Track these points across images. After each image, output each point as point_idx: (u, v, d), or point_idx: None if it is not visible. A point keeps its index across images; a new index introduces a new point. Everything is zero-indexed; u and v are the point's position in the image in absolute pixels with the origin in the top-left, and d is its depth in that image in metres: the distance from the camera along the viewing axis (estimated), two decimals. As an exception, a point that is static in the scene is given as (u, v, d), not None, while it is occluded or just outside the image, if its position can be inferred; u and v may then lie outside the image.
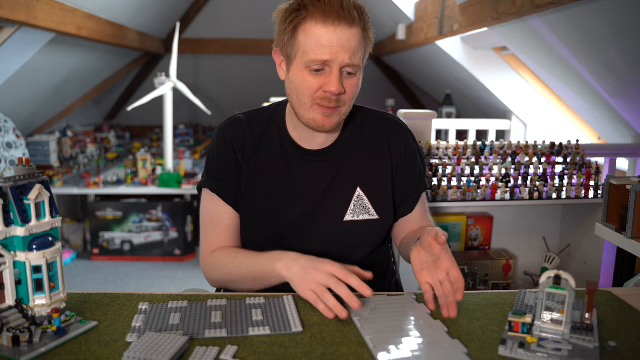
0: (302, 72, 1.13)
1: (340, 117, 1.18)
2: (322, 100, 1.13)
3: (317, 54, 1.09)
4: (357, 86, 1.16)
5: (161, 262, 3.99)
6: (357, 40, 1.11)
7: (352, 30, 1.09)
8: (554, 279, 0.90)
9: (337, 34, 1.08)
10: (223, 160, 1.26)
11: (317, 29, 1.09)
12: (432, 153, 2.11)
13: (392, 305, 1.07)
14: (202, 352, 0.87)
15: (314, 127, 1.17)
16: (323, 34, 1.08)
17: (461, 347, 0.91)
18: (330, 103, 1.13)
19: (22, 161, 0.95)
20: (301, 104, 1.16)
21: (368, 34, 1.15)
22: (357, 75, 1.15)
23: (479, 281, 2.18)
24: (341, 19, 1.08)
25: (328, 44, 1.08)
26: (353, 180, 1.27)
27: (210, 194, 1.27)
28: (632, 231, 1.37)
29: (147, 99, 4.13)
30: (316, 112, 1.15)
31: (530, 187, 2.04)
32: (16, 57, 3.06)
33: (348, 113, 1.20)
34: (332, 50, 1.08)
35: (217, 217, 1.27)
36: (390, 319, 1.01)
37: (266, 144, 1.27)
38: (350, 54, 1.10)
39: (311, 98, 1.14)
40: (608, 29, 1.94)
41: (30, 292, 0.93)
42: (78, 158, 4.64)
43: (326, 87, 1.11)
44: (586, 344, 0.91)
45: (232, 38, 5.80)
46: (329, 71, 1.11)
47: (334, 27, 1.08)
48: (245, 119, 1.29)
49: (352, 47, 1.10)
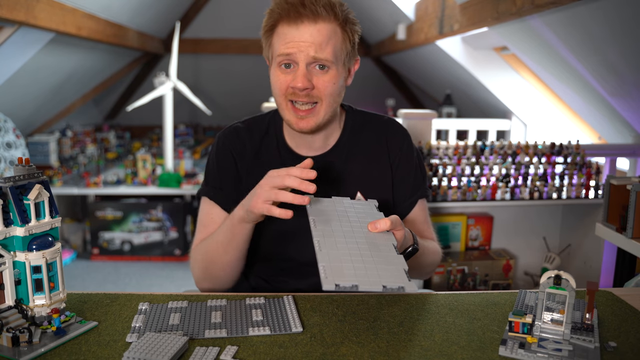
0: (275, 72, 1.17)
1: (320, 118, 1.17)
2: (292, 96, 1.15)
3: (282, 49, 1.13)
4: (332, 82, 1.15)
5: (161, 262, 3.99)
6: (323, 35, 1.12)
7: (317, 26, 1.12)
8: (554, 279, 0.90)
9: (300, 30, 1.12)
10: (222, 169, 1.27)
11: (284, 29, 1.13)
12: (432, 153, 2.11)
13: (351, 208, 1.10)
14: (202, 352, 0.87)
15: (292, 128, 1.19)
16: (288, 32, 1.13)
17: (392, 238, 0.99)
18: (299, 98, 1.14)
19: (22, 161, 0.95)
20: (278, 104, 1.20)
21: (345, 27, 1.16)
22: (332, 70, 1.15)
23: (479, 281, 2.18)
24: (302, 16, 1.11)
25: (291, 39, 1.12)
26: (352, 185, 1.26)
27: (209, 202, 1.28)
28: (633, 231, 1.37)
29: (147, 99, 4.13)
30: (290, 113, 1.17)
31: (531, 187, 2.04)
32: (16, 57, 3.06)
33: (329, 113, 1.19)
34: (295, 45, 1.12)
35: (210, 220, 1.27)
36: (344, 222, 1.03)
37: (265, 152, 1.27)
38: (315, 48, 1.11)
39: (283, 96, 1.16)
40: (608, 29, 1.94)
41: (29, 292, 0.93)
42: (78, 158, 4.64)
43: (293, 83, 1.14)
44: (586, 344, 0.91)
45: (232, 38, 5.80)
46: (296, 68, 1.14)
47: (297, 24, 1.12)
48: (244, 127, 1.30)
49: (317, 42, 1.11)
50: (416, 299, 1.12)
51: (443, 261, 2.14)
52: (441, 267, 2.13)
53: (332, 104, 1.18)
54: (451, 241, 2.25)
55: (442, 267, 2.13)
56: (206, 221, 1.28)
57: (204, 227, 1.28)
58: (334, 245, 0.95)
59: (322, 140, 1.25)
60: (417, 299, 1.12)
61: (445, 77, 4.41)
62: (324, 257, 0.90)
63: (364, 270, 0.89)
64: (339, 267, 0.89)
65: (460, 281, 2.15)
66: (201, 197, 1.30)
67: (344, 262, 0.90)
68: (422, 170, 1.35)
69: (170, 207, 3.97)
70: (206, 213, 1.28)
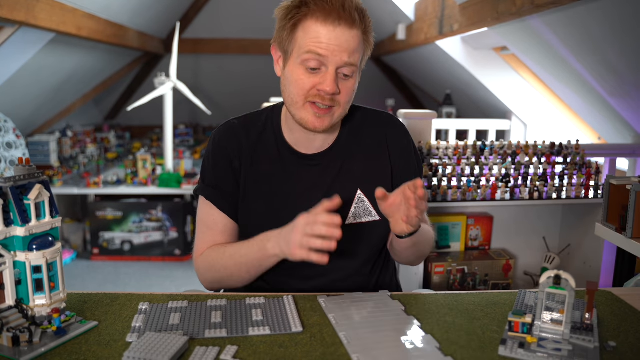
0: (297, 69, 1.13)
1: (333, 120, 1.17)
2: (316, 98, 1.13)
3: (312, 47, 1.09)
4: (352, 90, 1.16)
5: (161, 262, 3.99)
6: (356, 42, 1.11)
7: (351, 32, 1.10)
8: (554, 279, 0.90)
9: (337, 33, 1.08)
10: (218, 167, 1.26)
11: (317, 27, 1.09)
12: (432, 153, 2.11)
13: (366, 302, 1.09)
14: (202, 352, 0.87)
15: (305, 126, 1.17)
16: (322, 31, 1.09)
17: (433, 341, 0.92)
18: (324, 102, 1.13)
19: (22, 161, 0.95)
20: (293, 102, 1.16)
21: (368, 37, 1.15)
22: (354, 78, 1.15)
23: (479, 281, 2.18)
24: (341, 19, 1.08)
25: (326, 41, 1.09)
26: (353, 183, 1.26)
27: (205, 201, 1.27)
28: (632, 231, 1.37)
29: (147, 99, 4.13)
30: (308, 112, 1.15)
31: (530, 187, 2.04)
32: (16, 57, 3.06)
33: (342, 116, 1.20)
34: (330, 47, 1.09)
35: (212, 222, 1.26)
36: (365, 316, 1.03)
37: (263, 150, 1.26)
38: (348, 54, 1.10)
39: (304, 96, 1.13)
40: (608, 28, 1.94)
41: (30, 292, 0.93)
42: (78, 158, 4.64)
43: (321, 87, 1.11)
44: (586, 344, 0.91)
45: (232, 38, 5.80)
46: (325, 70, 1.11)
47: (334, 26, 1.08)
48: (240, 124, 1.28)
49: (351, 48, 1.10)
50: (416, 299, 1.12)
51: (443, 261, 2.14)
52: (441, 267, 2.13)
53: (346, 108, 1.18)
54: (451, 241, 2.25)
55: (442, 267, 2.13)
56: (209, 223, 1.27)
57: (207, 228, 1.27)
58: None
59: (322, 138, 1.25)
60: (417, 299, 1.12)
61: (445, 77, 4.41)
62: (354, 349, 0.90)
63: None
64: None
65: (460, 281, 2.16)
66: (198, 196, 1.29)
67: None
68: (420, 164, 1.37)
69: (170, 207, 3.97)
70: (207, 214, 1.27)
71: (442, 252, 2.24)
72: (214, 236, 1.26)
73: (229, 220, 1.26)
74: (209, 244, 1.26)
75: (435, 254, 2.21)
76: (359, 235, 1.26)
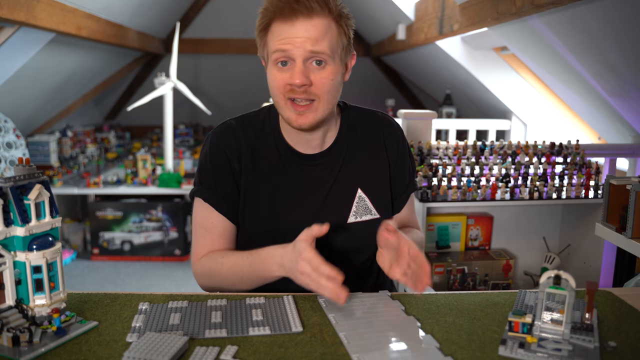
0: (271, 70, 1.15)
1: (318, 115, 1.16)
2: (290, 94, 1.14)
3: (277, 46, 1.12)
4: (330, 79, 1.14)
5: (161, 262, 3.99)
6: (318, 30, 1.11)
7: (312, 21, 1.11)
8: (554, 279, 0.90)
9: (296, 26, 1.10)
10: (216, 169, 1.24)
11: (279, 26, 1.12)
12: (432, 153, 2.11)
13: (366, 302, 1.09)
14: (202, 352, 0.87)
15: (291, 125, 1.18)
16: (283, 29, 1.12)
17: (433, 341, 0.92)
18: (297, 95, 1.13)
19: (22, 161, 0.95)
20: (277, 103, 1.18)
21: (340, 21, 1.15)
22: (329, 66, 1.13)
23: (479, 281, 2.18)
24: (297, 12, 1.10)
25: (286, 36, 1.11)
26: (353, 182, 1.26)
27: (203, 203, 1.25)
28: (632, 231, 1.37)
29: (147, 99, 4.13)
30: (290, 110, 1.15)
31: (530, 187, 2.05)
32: (16, 57, 3.06)
33: (328, 110, 1.18)
34: (292, 41, 1.11)
35: (210, 224, 1.25)
36: (365, 316, 1.03)
37: (262, 151, 1.25)
38: (311, 43, 1.10)
39: (282, 94, 1.15)
40: (608, 28, 1.94)
41: (30, 292, 0.93)
42: (78, 158, 4.64)
43: (290, 80, 1.12)
44: (586, 344, 0.91)
45: (232, 38, 5.80)
46: (293, 65, 1.12)
47: (292, 20, 1.10)
48: (238, 124, 1.27)
49: (313, 37, 1.10)
50: (416, 299, 1.12)
51: (443, 261, 2.14)
52: (441, 267, 2.13)
53: (330, 100, 1.17)
54: (451, 241, 2.25)
55: (442, 267, 2.13)
56: (207, 226, 1.26)
57: (205, 232, 1.26)
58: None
59: (320, 138, 1.25)
60: (417, 299, 1.12)
61: (445, 77, 4.41)
62: (354, 349, 0.90)
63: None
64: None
65: (460, 281, 2.16)
66: (195, 198, 1.28)
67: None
68: (413, 163, 1.38)
69: (170, 207, 3.97)
70: (205, 217, 1.26)
71: (442, 252, 2.24)
72: (213, 239, 1.25)
73: (228, 222, 1.25)
74: (208, 247, 1.26)
75: (435, 254, 2.21)
76: (360, 233, 1.26)
